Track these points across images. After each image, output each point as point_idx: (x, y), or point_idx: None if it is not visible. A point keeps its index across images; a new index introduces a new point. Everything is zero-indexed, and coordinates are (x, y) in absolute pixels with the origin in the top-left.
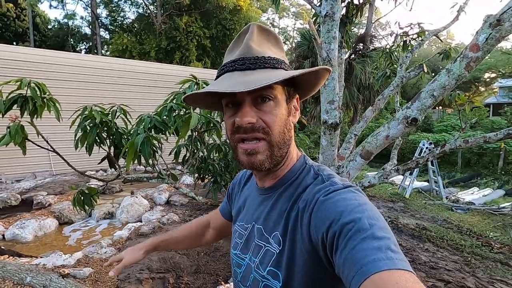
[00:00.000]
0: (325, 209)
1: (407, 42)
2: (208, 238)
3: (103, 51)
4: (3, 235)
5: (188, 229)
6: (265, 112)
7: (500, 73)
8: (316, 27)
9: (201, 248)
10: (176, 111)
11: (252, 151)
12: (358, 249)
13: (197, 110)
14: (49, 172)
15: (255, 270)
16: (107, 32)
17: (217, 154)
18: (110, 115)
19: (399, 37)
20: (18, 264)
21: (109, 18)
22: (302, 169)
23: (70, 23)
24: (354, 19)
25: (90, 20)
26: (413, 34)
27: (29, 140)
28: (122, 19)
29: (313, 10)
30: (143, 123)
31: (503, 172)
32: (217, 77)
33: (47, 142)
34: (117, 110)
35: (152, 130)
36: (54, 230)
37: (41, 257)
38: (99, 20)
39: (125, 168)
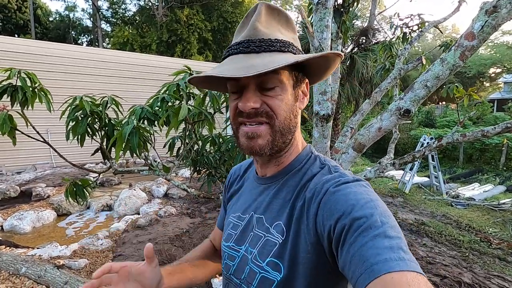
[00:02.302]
0: (335, 201)
1: (407, 34)
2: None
3: (104, 44)
4: (1, 226)
5: (195, 252)
6: (270, 97)
7: (505, 68)
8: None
9: (197, 240)
10: (169, 102)
11: (253, 135)
12: (369, 246)
13: (190, 102)
14: (50, 164)
15: (252, 261)
16: (108, 25)
17: (211, 147)
18: (101, 105)
19: (399, 28)
20: (14, 254)
21: (110, 10)
22: (308, 158)
23: (71, 15)
24: (350, 8)
25: (91, 12)
26: (413, 26)
27: (18, 131)
28: (123, 11)
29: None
30: (135, 114)
31: (505, 168)
32: (223, 59)
33: (37, 133)
34: (108, 100)
35: (145, 121)
36: (52, 222)
37: (37, 248)
38: (100, 13)
39: (115, 160)
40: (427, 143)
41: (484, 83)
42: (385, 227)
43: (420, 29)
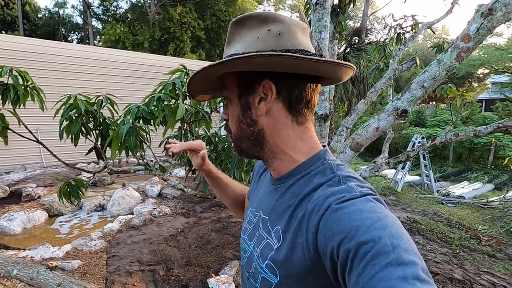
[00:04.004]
0: (337, 220)
1: (401, 35)
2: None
3: (95, 42)
4: None
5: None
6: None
7: (493, 69)
8: (308, 18)
9: (192, 240)
10: (165, 101)
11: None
12: (380, 278)
13: (186, 101)
14: (40, 164)
15: (256, 260)
16: (99, 22)
17: (208, 146)
18: (96, 104)
19: (393, 29)
20: (4, 256)
21: (101, 7)
22: (318, 165)
23: (61, 12)
24: (346, 9)
25: (82, 9)
26: (406, 27)
27: (11, 130)
28: (115, 8)
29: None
30: (130, 113)
31: (493, 167)
32: None
33: (30, 132)
34: (103, 99)
35: (141, 120)
36: (44, 223)
37: (28, 250)
38: (91, 9)
39: (111, 160)
40: (419, 142)
41: (473, 83)
42: (397, 252)
43: (413, 30)
